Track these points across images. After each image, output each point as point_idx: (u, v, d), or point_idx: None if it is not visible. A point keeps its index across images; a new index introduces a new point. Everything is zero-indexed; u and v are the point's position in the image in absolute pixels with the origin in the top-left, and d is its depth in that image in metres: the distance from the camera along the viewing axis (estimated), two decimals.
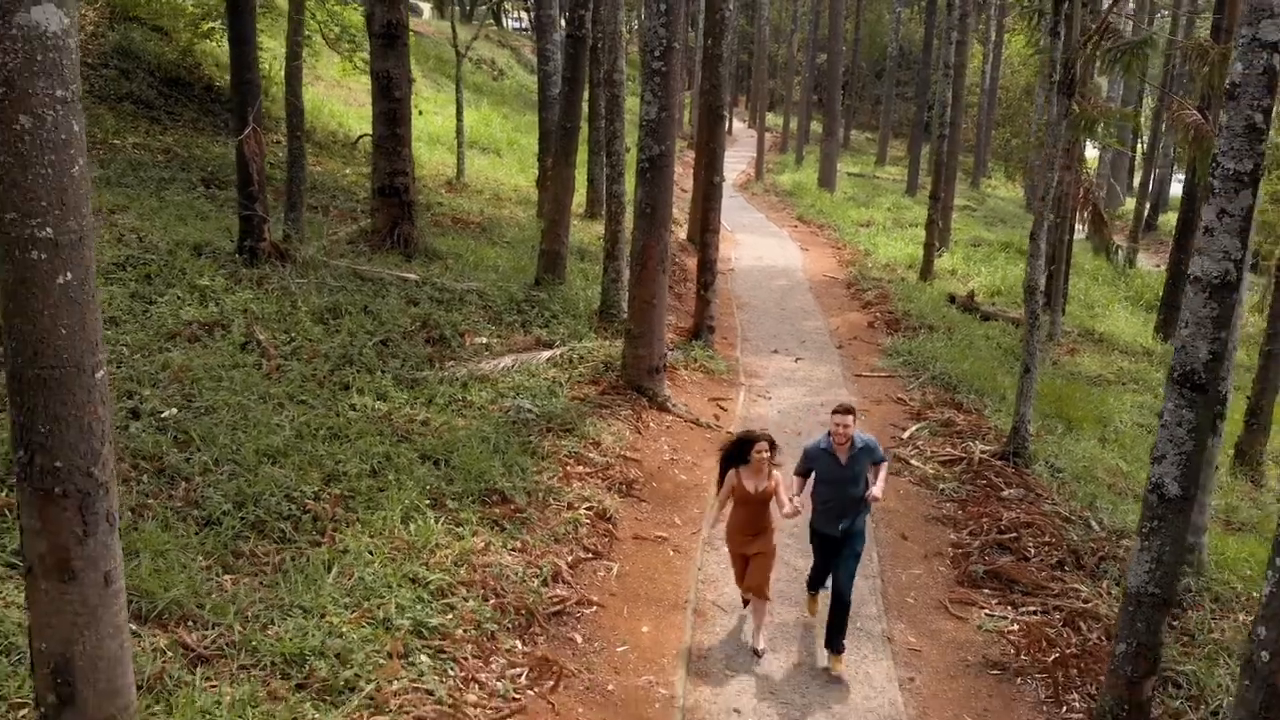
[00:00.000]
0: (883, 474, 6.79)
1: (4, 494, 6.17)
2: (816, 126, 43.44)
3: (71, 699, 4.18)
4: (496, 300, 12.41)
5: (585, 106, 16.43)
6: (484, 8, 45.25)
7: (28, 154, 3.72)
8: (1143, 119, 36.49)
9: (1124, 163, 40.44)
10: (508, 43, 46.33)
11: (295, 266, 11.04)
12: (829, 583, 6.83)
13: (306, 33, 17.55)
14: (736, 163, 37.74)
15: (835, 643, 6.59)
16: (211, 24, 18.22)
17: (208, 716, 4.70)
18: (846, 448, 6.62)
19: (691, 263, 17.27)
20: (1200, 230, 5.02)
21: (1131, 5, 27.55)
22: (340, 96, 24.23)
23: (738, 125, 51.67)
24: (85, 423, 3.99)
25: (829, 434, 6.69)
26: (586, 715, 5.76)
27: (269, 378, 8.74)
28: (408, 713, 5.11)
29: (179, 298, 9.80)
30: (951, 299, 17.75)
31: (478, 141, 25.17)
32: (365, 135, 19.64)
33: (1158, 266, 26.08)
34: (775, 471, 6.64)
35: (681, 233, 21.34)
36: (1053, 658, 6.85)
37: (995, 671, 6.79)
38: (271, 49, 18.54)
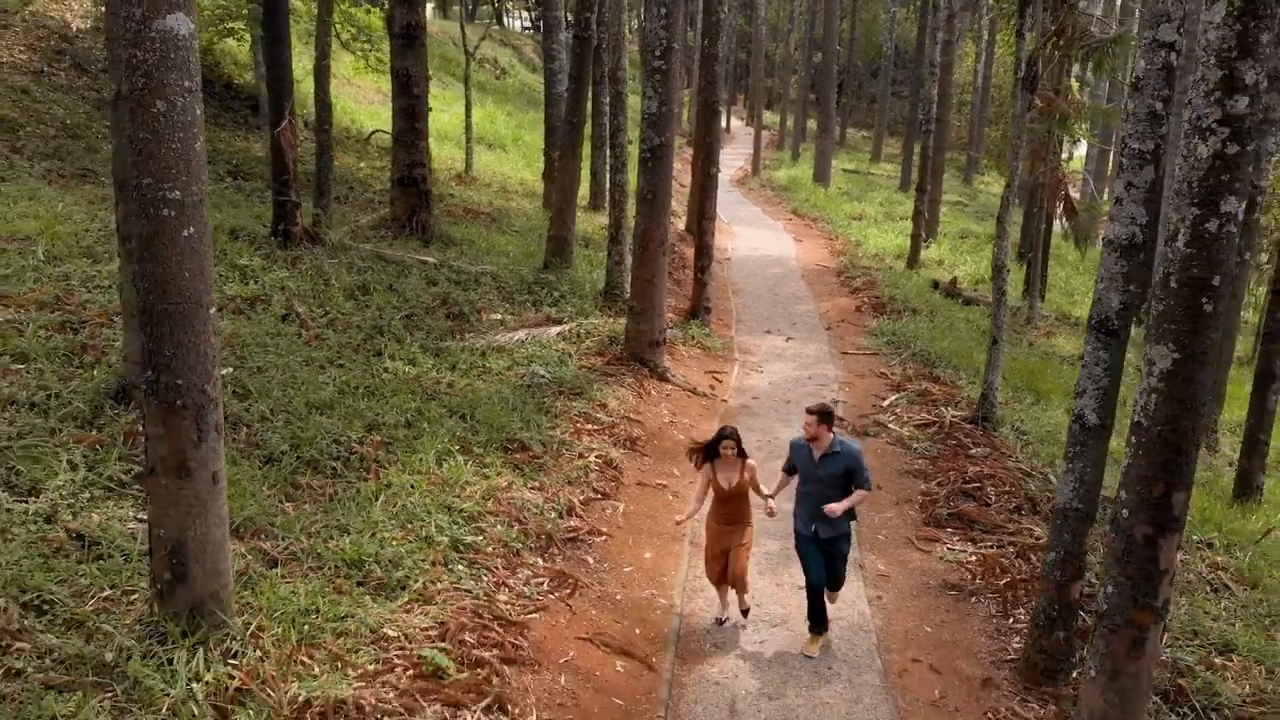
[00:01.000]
0: (853, 496, 6.60)
1: (93, 432, 7.14)
2: (813, 124, 44.34)
3: (184, 576, 5.17)
4: (509, 282, 13.39)
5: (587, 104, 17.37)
6: (485, 7, 46.25)
7: (162, 132, 4.71)
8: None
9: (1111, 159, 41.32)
10: (510, 42, 47.26)
11: (326, 248, 12.00)
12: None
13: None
14: (734, 159, 38.73)
15: (818, 622, 6.76)
16: (233, 24, 19.12)
17: (287, 601, 5.66)
18: (820, 446, 6.62)
19: (689, 251, 18.23)
20: (1112, 201, 5.99)
21: (1116, 5, 28.52)
22: (351, 94, 25.17)
23: (736, 123, 52.61)
24: (201, 349, 4.98)
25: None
26: (598, 616, 6.75)
27: (309, 345, 9.72)
28: (450, 604, 6.09)
29: (222, 275, 10.74)
30: (935, 285, 18.74)
31: (484, 138, 26.12)
32: (377, 131, 20.62)
33: None
34: (748, 462, 6.79)
35: (680, 223, 22.31)
36: (1004, 581, 7.84)
37: (953, 592, 7.78)
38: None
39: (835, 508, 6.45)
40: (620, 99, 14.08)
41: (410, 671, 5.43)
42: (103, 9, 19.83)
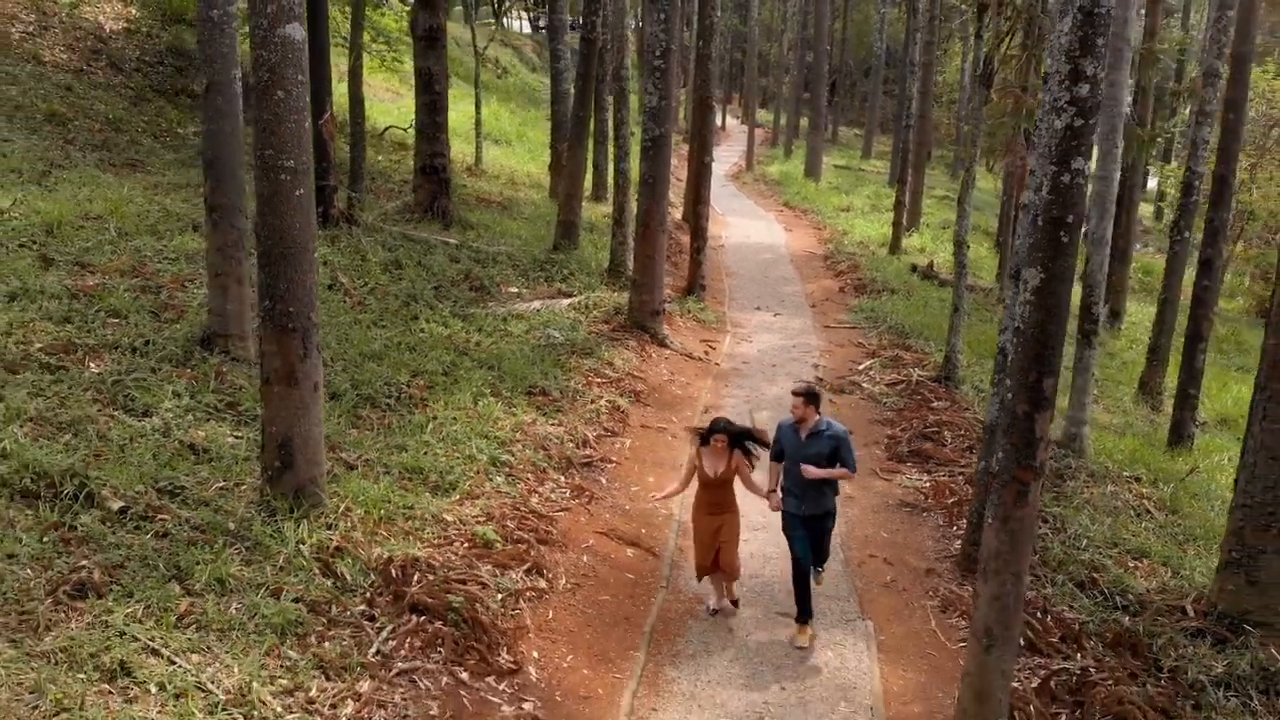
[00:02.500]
0: (837, 470, 6.79)
1: (189, 371, 8.53)
2: (806, 122, 45.74)
3: (290, 464, 6.58)
4: (523, 260, 14.82)
5: None
6: (485, 8, 47.69)
7: (281, 114, 6.12)
8: None
9: None
10: (510, 42, 48.70)
11: (361, 229, 13.41)
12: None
13: (342, 35, 19.96)
14: (729, 155, 40.15)
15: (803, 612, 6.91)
16: None
17: (366, 493, 7.06)
18: (806, 426, 6.81)
19: (685, 238, 19.67)
20: (1028, 173, 7.41)
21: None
22: (364, 92, 26.53)
23: (731, 121, 54.05)
24: (307, 284, 6.40)
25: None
26: (611, 518, 8.18)
27: (354, 310, 11.13)
28: (494, 500, 7.51)
29: None
30: (914, 269, 20.19)
31: (490, 134, 27.51)
32: (391, 127, 22.04)
33: None
34: (736, 453, 6.94)
35: (677, 213, 23.72)
36: (951, 501, 9.28)
37: (907, 509, 9.21)
38: None
39: (812, 470, 6.63)
40: (623, 95, 15.50)
41: (466, 544, 6.85)
42: (133, 11, 21.30)
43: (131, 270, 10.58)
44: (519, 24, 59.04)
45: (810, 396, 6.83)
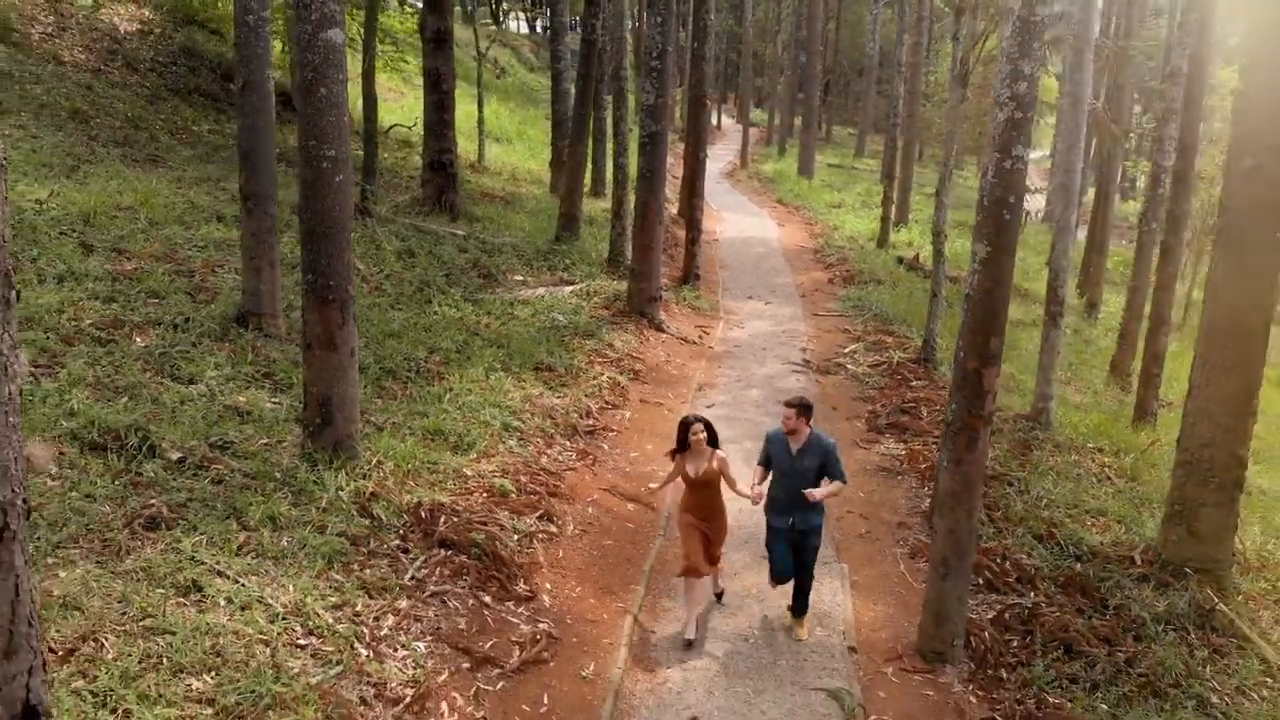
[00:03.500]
0: (831, 487, 6.69)
1: (227, 345, 9.33)
2: (800, 121, 46.55)
3: (330, 420, 7.38)
4: (527, 251, 15.64)
5: None
6: (484, 8, 48.49)
7: (323, 109, 6.92)
8: None
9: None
10: (508, 43, 49.50)
11: (375, 220, 14.21)
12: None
13: (349, 36, 20.73)
14: (725, 154, 40.99)
15: (799, 607, 6.95)
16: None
17: (394, 449, 7.87)
18: (798, 439, 6.68)
19: (682, 232, 20.47)
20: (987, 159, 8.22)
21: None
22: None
23: (727, 121, 54.92)
24: (345, 260, 7.20)
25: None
26: (613, 478, 9.01)
27: (372, 294, 11.93)
28: (508, 459, 8.32)
29: (291, 241, 12.95)
30: (900, 261, 21.04)
31: (491, 132, 28.31)
32: (396, 125, 22.81)
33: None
34: (718, 453, 6.85)
35: (674, 208, 24.54)
36: (924, 466, 10.10)
37: (884, 473, 10.04)
38: None
39: (815, 493, 6.51)
40: (622, 94, 16.32)
41: (485, 493, 7.67)
42: (146, 13, 22.06)
43: (165, 256, 11.36)
44: (516, 24, 59.90)
45: (803, 409, 6.65)
